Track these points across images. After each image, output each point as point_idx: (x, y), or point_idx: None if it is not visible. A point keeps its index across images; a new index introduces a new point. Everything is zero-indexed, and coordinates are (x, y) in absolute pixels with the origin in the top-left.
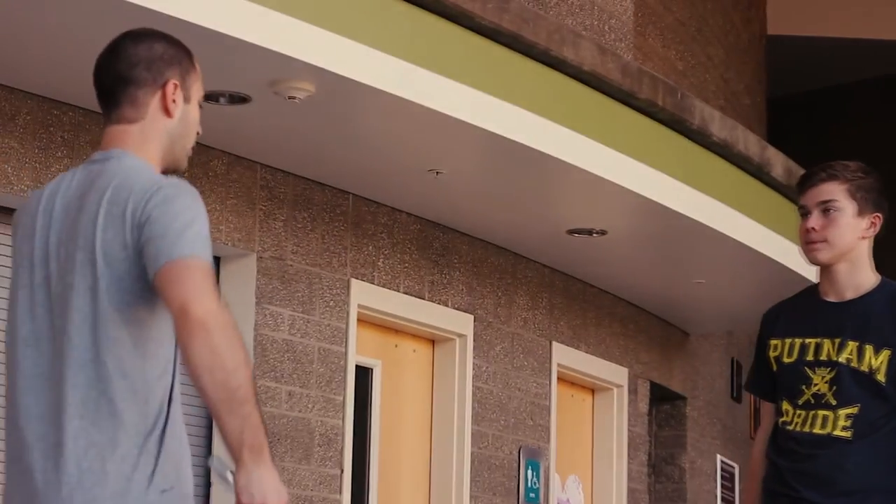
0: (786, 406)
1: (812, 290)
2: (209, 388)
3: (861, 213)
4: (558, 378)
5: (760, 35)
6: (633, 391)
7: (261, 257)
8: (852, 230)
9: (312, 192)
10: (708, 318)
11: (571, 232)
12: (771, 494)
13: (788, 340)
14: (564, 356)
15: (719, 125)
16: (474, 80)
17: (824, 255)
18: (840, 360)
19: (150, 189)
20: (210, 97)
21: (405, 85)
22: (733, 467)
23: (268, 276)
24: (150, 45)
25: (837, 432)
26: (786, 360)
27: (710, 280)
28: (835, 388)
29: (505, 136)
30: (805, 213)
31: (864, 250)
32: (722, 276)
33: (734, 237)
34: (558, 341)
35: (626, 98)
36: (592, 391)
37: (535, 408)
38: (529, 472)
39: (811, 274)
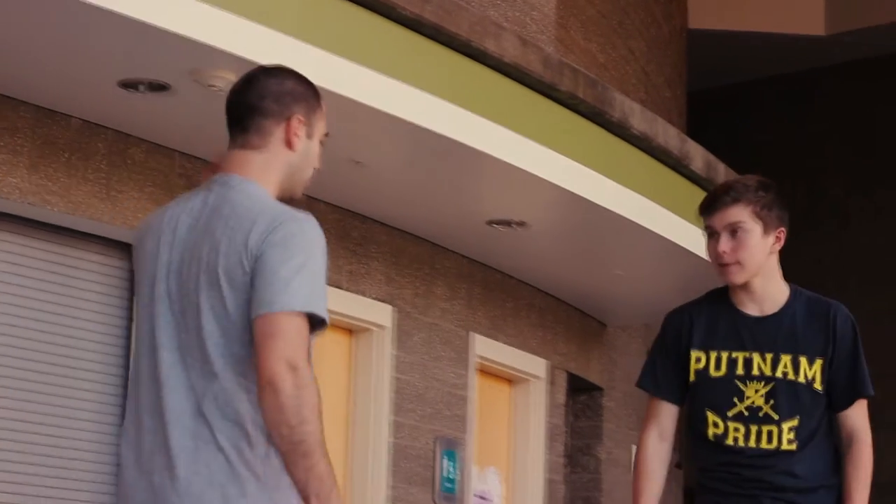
0: (713, 418)
1: (720, 299)
2: (276, 441)
3: (767, 231)
4: (477, 369)
5: (681, 29)
6: (550, 382)
7: None
8: (761, 249)
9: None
10: (626, 309)
11: (491, 223)
12: (718, 493)
13: (714, 353)
14: (483, 347)
15: (639, 118)
16: (396, 70)
17: (739, 276)
18: (777, 374)
19: (272, 223)
20: (129, 85)
21: (326, 75)
22: None
23: None
24: (282, 81)
25: (784, 446)
26: (713, 373)
27: (629, 272)
28: (772, 401)
29: (426, 127)
30: (712, 234)
31: (774, 263)
32: (641, 268)
33: (653, 229)
34: (477, 332)
35: (547, 90)
36: (511, 382)
37: (453, 398)
38: (446, 462)
39: None
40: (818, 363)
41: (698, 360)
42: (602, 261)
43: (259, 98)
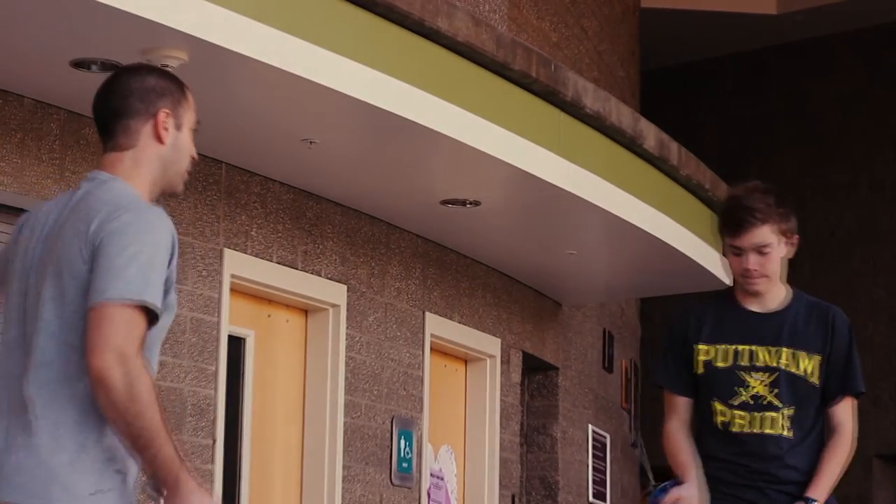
0: (720, 407)
1: (726, 299)
2: (117, 432)
3: (786, 242)
4: (431, 348)
5: (634, 7)
6: (505, 361)
7: None
8: (782, 259)
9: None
10: (581, 288)
11: (445, 202)
12: (727, 484)
13: (721, 346)
14: (437, 326)
15: (592, 97)
16: (348, 49)
17: (764, 287)
18: (781, 364)
19: (112, 212)
20: (81, 64)
21: (278, 54)
22: (605, 437)
23: None
24: (143, 78)
25: (784, 433)
26: (719, 364)
27: (583, 251)
28: (776, 390)
29: (379, 106)
30: (740, 253)
31: (782, 265)
32: (594, 248)
33: (607, 208)
34: (431, 311)
35: (499, 69)
36: (465, 361)
37: (408, 378)
38: (402, 442)
39: (681, 245)
40: (816, 359)
41: (706, 353)
42: (556, 240)
43: (122, 99)
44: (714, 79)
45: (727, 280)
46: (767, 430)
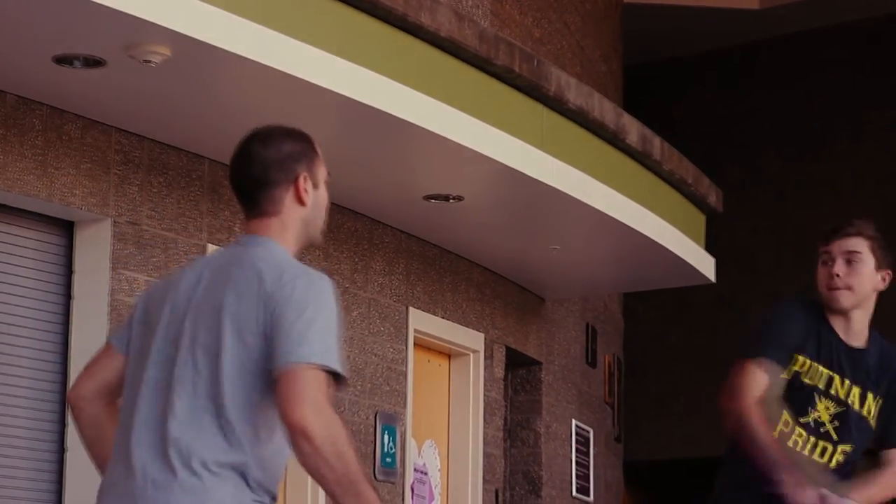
0: (787, 417)
1: (822, 318)
2: (321, 483)
3: (879, 267)
4: (415, 343)
5: (617, 3)
6: (489, 356)
7: (116, 222)
8: (871, 280)
9: (168, 157)
10: (563, 283)
11: (428, 198)
12: (758, 484)
13: (814, 364)
14: (421, 322)
15: (575, 92)
16: (331, 45)
17: (848, 300)
18: (849, 401)
19: (282, 276)
20: (64, 60)
21: (261, 49)
22: (588, 431)
23: (123, 241)
24: (279, 147)
25: (832, 465)
26: (805, 380)
27: (566, 246)
28: (836, 423)
29: (362, 101)
30: (826, 261)
31: (873, 302)
32: (577, 243)
33: (589, 203)
34: (415, 307)
35: (482, 64)
36: (449, 356)
37: (391, 373)
38: (386, 437)
39: (664, 240)
40: (878, 402)
41: (803, 364)
42: (539, 235)
43: (263, 171)
44: (697, 74)
45: (710, 276)
46: (816, 458)
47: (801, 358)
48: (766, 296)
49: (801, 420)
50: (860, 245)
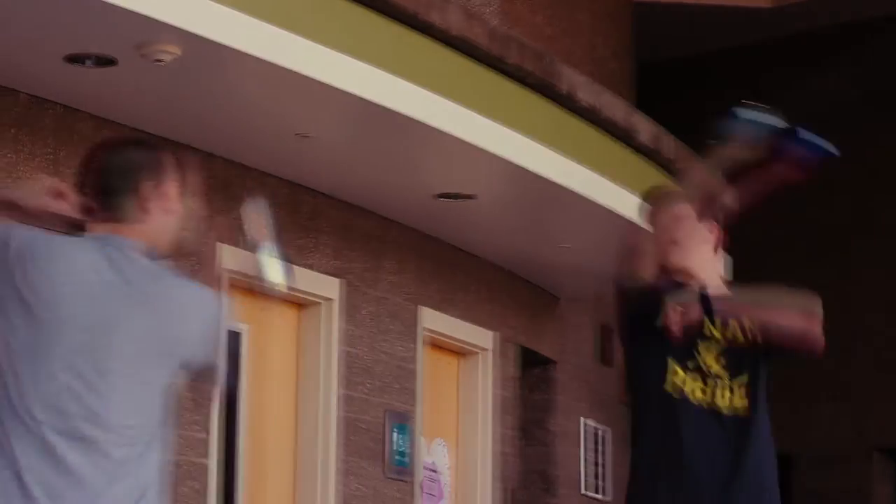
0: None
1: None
2: None
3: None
4: (425, 342)
5: (627, 1)
6: (502, 355)
7: None
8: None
9: (179, 155)
10: (576, 282)
11: (439, 196)
12: None
13: None
14: (432, 320)
15: (586, 91)
16: (341, 44)
17: (677, 259)
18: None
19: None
20: (76, 59)
21: (272, 49)
22: (603, 430)
23: None
24: (129, 156)
25: (738, 402)
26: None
27: (577, 244)
28: (723, 360)
29: (372, 100)
30: None
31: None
32: (589, 241)
33: (600, 202)
34: (426, 305)
35: (493, 63)
36: (459, 355)
37: (402, 371)
38: (396, 435)
39: None
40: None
41: None
42: (550, 233)
43: (120, 176)
44: (709, 72)
45: (727, 275)
46: (721, 401)
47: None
48: None
49: (690, 366)
50: (686, 210)
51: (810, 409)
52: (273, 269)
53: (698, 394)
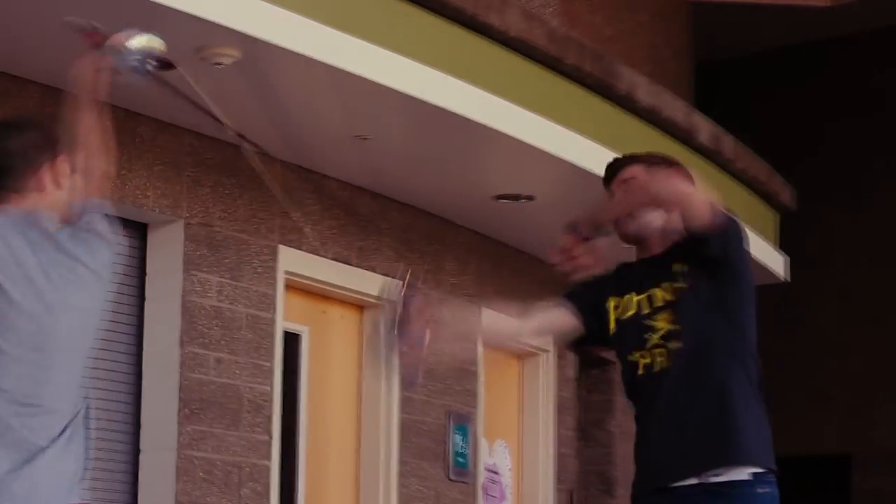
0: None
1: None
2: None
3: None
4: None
5: (687, 1)
6: (561, 356)
7: (188, 224)
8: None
9: (240, 158)
10: None
11: (499, 197)
12: None
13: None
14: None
15: (646, 91)
16: (400, 46)
17: (631, 227)
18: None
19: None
20: None
21: (331, 51)
22: None
23: (195, 242)
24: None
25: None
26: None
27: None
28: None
29: (431, 102)
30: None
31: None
32: None
33: None
34: (486, 306)
35: (552, 64)
36: (520, 356)
37: (462, 373)
38: (458, 437)
39: None
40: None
41: (616, 305)
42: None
43: (18, 156)
44: (769, 72)
45: (781, 274)
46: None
47: (611, 300)
48: (840, 294)
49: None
50: (634, 170)
51: (870, 410)
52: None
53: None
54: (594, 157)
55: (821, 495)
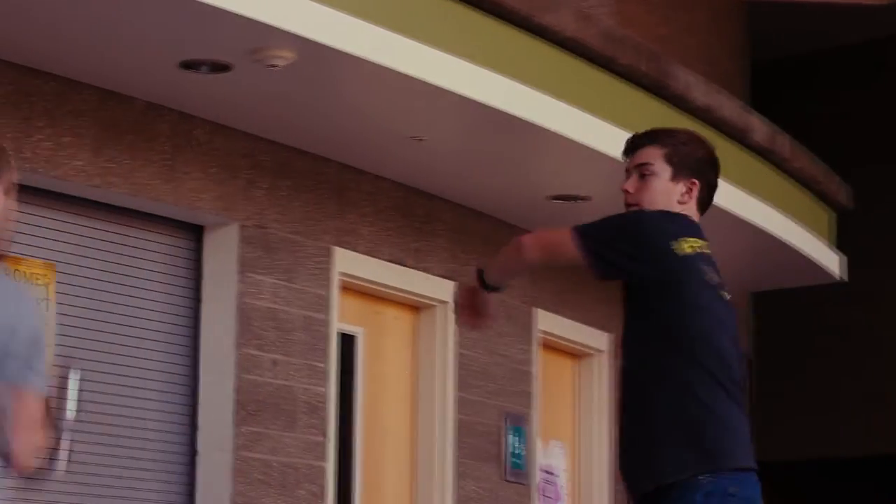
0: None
1: None
2: None
3: (676, 177)
4: (540, 344)
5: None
6: (616, 356)
7: (243, 226)
8: (665, 194)
9: (295, 160)
10: None
11: (553, 198)
12: None
13: None
14: (547, 322)
15: (701, 90)
16: (455, 47)
17: None
18: None
19: None
20: (191, 65)
21: (386, 52)
22: None
23: (251, 244)
24: None
25: None
26: None
27: None
28: None
29: (486, 103)
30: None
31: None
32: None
33: (715, 203)
34: (541, 307)
35: (607, 64)
36: (575, 357)
37: (517, 374)
38: (514, 437)
39: (793, 239)
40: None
41: None
42: None
43: None
44: (826, 71)
45: (838, 274)
46: None
47: None
48: None
49: None
50: (652, 155)
51: None
52: None
53: None
54: None
55: (880, 496)
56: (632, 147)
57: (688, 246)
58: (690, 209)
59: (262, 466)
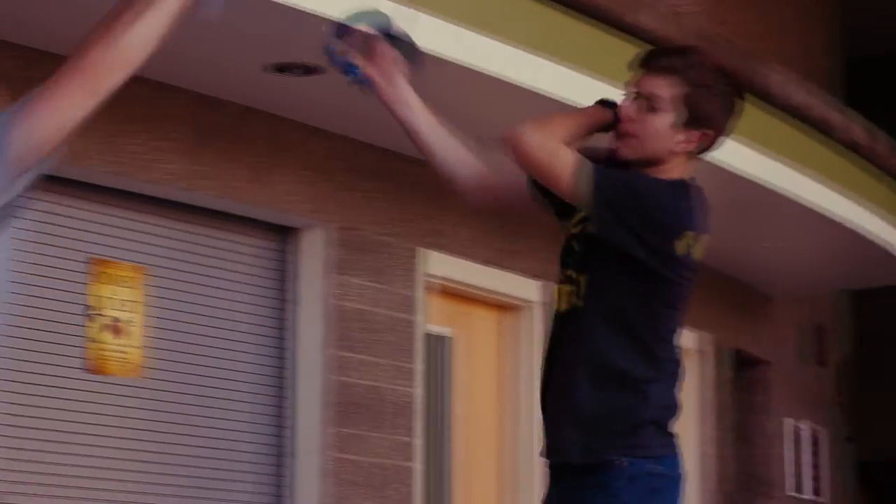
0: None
1: None
2: None
3: (684, 125)
4: None
5: None
6: (716, 357)
7: (333, 228)
8: (664, 138)
9: (386, 162)
10: (787, 282)
11: None
12: None
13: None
14: None
15: (796, 88)
16: (543, 47)
17: (627, 152)
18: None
19: None
20: (283, 68)
21: (472, 52)
22: (819, 431)
23: (340, 246)
24: None
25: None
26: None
27: (785, 244)
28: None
29: (573, 103)
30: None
31: (678, 167)
32: (797, 240)
33: (810, 200)
34: None
35: None
36: None
37: None
38: None
39: (888, 236)
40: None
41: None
42: (757, 233)
43: None
44: None
45: None
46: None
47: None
48: None
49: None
50: (668, 90)
51: None
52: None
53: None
54: (744, 158)
55: None
56: (650, 65)
57: (684, 244)
58: (681, 160)
59: (351, 467)
